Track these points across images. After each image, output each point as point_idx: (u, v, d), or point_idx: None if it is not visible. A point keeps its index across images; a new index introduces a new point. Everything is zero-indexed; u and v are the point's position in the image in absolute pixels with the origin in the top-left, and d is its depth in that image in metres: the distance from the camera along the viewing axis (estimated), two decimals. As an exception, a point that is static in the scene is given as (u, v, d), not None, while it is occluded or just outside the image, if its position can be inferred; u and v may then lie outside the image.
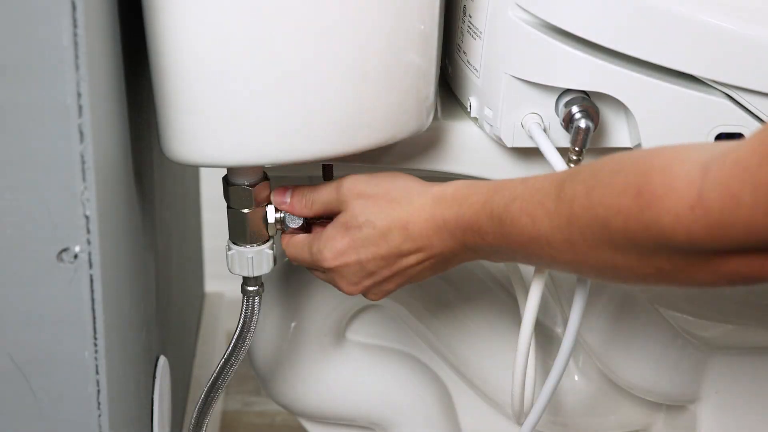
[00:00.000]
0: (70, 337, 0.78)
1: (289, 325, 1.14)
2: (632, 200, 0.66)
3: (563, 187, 0.73)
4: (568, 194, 0.72)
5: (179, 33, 0.82)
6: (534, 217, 0.75)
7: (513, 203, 0.78)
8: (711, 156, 0.63)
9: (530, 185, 0.78)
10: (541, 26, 0.90)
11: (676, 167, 0.64)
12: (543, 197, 0.75)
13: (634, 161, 0.68)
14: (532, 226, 0.75)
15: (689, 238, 0.63)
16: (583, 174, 0.72)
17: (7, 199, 0.74)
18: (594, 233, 0.70)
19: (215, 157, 0.87)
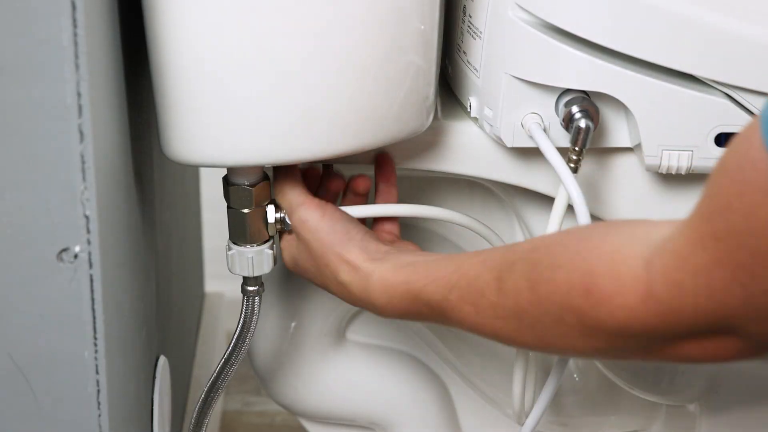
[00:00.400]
0: (70, 337, 0.78)
1: (289, 325, 1.14)
2: (582, 299, 0.66)
3: (502, 279, 0.73)
4: (510, 288, 0.72)
5: (179, 33, 0.82)
6: (477, 307, 0.75)
7: (451, 293, 0.78)
8: (651, 250, 0.64)
9: (464, 273, 0.77)
10: (541, 26, 0.90)
11: (620, 267, 0.65)
12: (482, 287, 0.75)
13: (572, 256, 0.68)
14: (475, 315, 0.76)
15: (645, 328, 0.65)
16: (520, 267, 0.72)
17: (7, 199, 0.74)
18: (546, 327, 0.70)
19: (215, 157, 0.87)
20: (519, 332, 0.73)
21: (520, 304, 0.71)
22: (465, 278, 0.77)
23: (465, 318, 0.77)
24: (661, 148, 0.91)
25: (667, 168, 0.92)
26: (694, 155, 0.91)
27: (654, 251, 0.64)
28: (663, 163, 0.91)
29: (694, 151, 0.91)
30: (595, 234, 0.70)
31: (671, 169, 0.92)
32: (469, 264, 0.77)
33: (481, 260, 0.77)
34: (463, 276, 0.77)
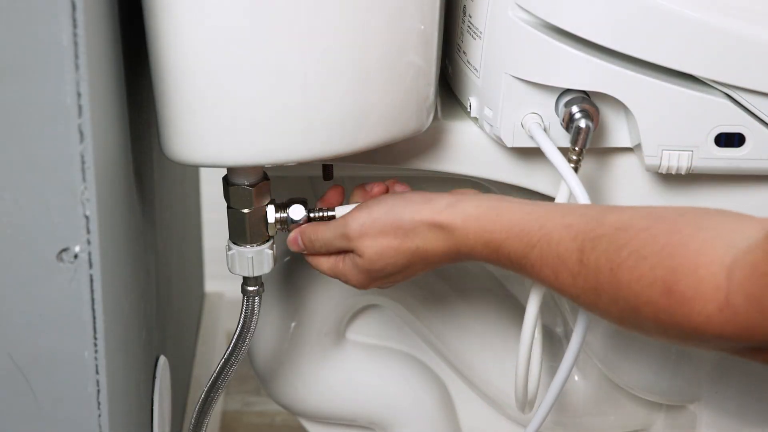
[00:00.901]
0: (70, 337, 0.77)
1: (289, 325, 1.14)
2: (661, 296, 0.67)
3: (584, 252, 0.73)
4: (592, 263, 0.72)
5: (179, 33, 0.82)
6: (556, 272, 0.75)
7: (531, 252, 0.77)
8: (733, 256, 0.64)
9: (547, 233, 0.76)
10: (541, 26, 0.90)
11: (702, 271, 0.65)
12: (563, 253, 0.74)
13: (659, 249, 0.68)
14: (554, 279, 0.75)
15: (720, 336, 0.65)
16: (604, 244, 0.72)
17: (7, 199, 0.74)
18: (622, 310, 0.71)
19: (215, 157, 0.87)
20: (596, 306, 0.73)
21: (600, 282, 0.71)
22: (547, 240, 0.76)
23: (544, 279, 0.77)
24: (661, 148, 0.91)
25: (667, 168, 0.92)
26: (694, 155, 0.91)
27: (736, 259, 0.64)
28: (663, 163, 0.91)
29: (694, 151, 0.91)
30: (685, 228, 0.69)
31: (671, 169, 0.92)
32: (553, 225, 0.76)
33: (566, 224, 0.75)
34: (545, 237, 0.76)
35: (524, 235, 0.78)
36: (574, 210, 0.78)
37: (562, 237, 0.75)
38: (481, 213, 0.82)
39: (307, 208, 0.93)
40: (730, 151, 0.91)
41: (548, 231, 0.76)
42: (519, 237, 0.78)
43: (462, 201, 0.84)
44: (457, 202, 0.84)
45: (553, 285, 0.76)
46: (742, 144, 0.91)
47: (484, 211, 0.82)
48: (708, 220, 0.70)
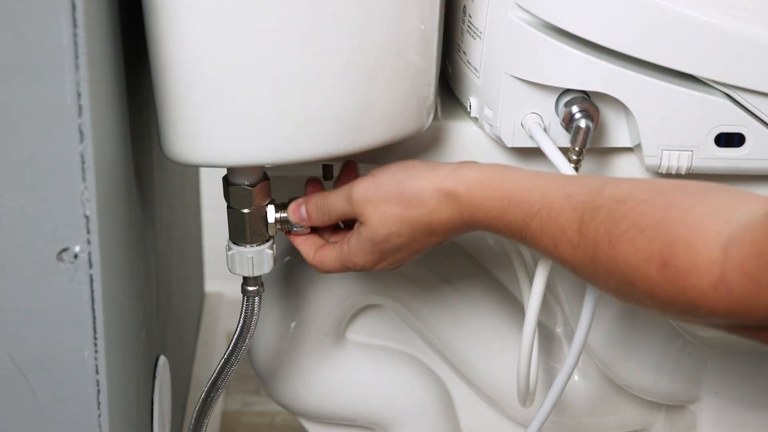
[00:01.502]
0: (70, 337, 0.77)
1: (289, 325, 1.14)
2: (657, 271, 0.67)
3: (584, 222, 0.73)
4: (590, 234, 0.72)
5: (179, 33, 0.82)
6: (556, 242, 0.75)
7: (532, 221, 0.77)
8: (731, 232, 0.64)
9: (548, 203, 0.76)
10: (541, 26, 0.90)
11: (699, 245, 0.65)
12: (563, 223, 0.75)
13: (656, 222, 0.68)
14: (554, 248, 0.76)
15: (714, 313, 0.65)
16: (603, 215, 0.72)
17: (7, 199, 0.74)
18: (619, 282, 0.71)
19: (215, 157, 0.87)
20: (594, 277, 0.73)
21: (598, 254, 0.71)
22: (547, 210, 0.76)
23: (543, 248, 0.77)
24: (661, 148, 0.91)
25: (667, 168, 0.92)
26: (694, 155, 0.91)
27: (733, 235, 0.63)
28: (663, 163, 0.91)
29: (694, 151, 0.91)
30: (683, 200, 0.69)
31: (671, 169, 0.92)
32: (553, 195, 0.76)
33: (567, 194, 0.76)
34: (545, 206, 0.76)
35: (525, 203, 0.78)
36: (575, 180, 0.78)
37: (562, 207, 0.75)
38: (484, 179, 0.82)
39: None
40: (730, 151, 0.91)
41: (549, 200, 0.77)
42: (520, 205, 0.78)
43: (465, 167, 0.84)
44: (459, 168, 0.84)
45: (553, 254, 0.76)
46: (742, 144, 0.91)
47: (488, 177, 0.82)
48: (708, 195, 0.69)
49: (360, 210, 0.87)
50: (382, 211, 0.86)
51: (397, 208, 0.85)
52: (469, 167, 0.84)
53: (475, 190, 0.82)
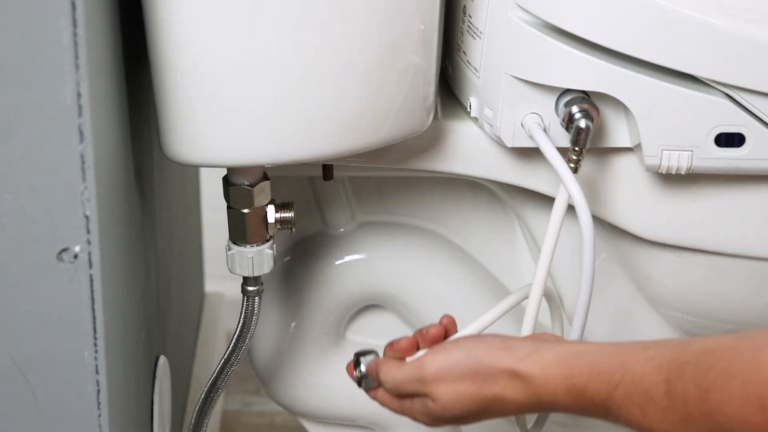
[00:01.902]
0: (70, 337, 0.77)
1: (289, 325, 1.14)
2: (756, 414, 0.64)
3: (671, 382, 0.69)
4: (680, 392, 0.69)
5: (179, 33, 0.82)
6: (644, 409, 0.71)
7: (616, 391, 0.73)
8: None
9: (630, 369, 0.73)
10: (541, 26, 0.90)
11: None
12: (649, 388, 0.71)
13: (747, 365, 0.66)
14: (642, 417, 0.72)
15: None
16: (690, 370, 0.68)
17: (7, 199, 0.74)
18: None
19: (215, 157, 0.87)
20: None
21: (690, 412, 0.68)
22: (630, 376, 0.72)
23: (631, 419, 0.73)
24: (661, 148, 0.91)
25: (667, 168, 0.92)
26: (694, 155, 0.91)
27: None
28: (663, 163, 0.91)
29: (694, 151, 0.91)
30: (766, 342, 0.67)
31: (671, 169, 0.92)
32: (636, 360, 0.73)
33: (649, 357, 0.72)
34: (628, 373, 0.72)
35: (606, 374, 0.74)
36: (656, 342, 0.74)
37: (645, 371, 0.71)
38: (561, 359, 0.78)
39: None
40: (730, 151, 0.91)
41: (631, 367, 0.73)
42: (601, 378, 0.74)
43: (542, 349, 0.80)
44: (536, 351, 0.80)
45: (642, 424, 0.72)
46: (742, 144, 0.91)
47: (565, 356, 0.78)
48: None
49: (431, 389, 0.83)
50: (455, 390, 0.82)
51: (471, 387, 0.81)
52: (546, 348, 0.79)
53: (553, 371, 0.78)
